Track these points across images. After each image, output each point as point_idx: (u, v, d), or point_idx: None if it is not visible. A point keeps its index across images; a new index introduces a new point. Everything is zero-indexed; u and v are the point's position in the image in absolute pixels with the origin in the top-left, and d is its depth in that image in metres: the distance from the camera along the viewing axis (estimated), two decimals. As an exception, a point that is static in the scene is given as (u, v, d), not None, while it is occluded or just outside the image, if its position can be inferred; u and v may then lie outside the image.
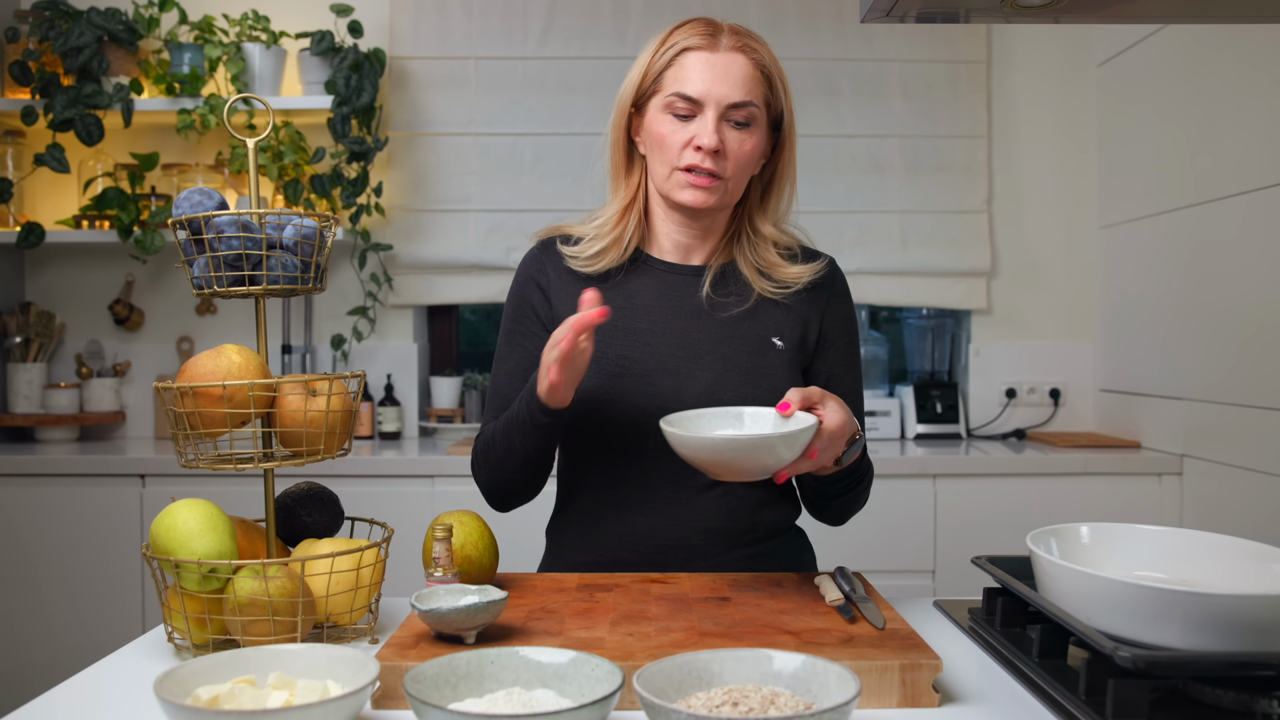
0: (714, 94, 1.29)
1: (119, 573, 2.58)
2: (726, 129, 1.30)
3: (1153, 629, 0.89)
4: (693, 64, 1.30)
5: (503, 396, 1.40)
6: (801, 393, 1.15)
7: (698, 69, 1.30)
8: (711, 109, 1.29)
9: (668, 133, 1.31)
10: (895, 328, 3.37)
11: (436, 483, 2.58)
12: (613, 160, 1.41)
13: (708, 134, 1.28)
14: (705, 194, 1.31)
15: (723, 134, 1.29)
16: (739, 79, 1.29)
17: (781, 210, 1.41)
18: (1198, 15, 1.40)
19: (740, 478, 1.13)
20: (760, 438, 1.07)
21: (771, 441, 1.07)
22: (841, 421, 1.15)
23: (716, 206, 1.34)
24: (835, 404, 1.16)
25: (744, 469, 1.10)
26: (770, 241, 1.38)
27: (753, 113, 1.31)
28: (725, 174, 1.31)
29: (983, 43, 3.11)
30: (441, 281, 3.10)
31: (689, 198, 1.31)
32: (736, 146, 1.30)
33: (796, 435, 1.08)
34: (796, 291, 1.39)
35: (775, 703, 0.80)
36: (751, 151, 1.32)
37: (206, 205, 1.11)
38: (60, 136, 2.88)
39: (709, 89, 1.29)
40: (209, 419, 1.06)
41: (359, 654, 0.89)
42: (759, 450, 1.07)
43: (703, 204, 1.32)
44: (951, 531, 2.62)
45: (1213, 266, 2.47)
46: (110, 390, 3.03)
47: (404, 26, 3.06)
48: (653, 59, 1.33)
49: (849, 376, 1.42)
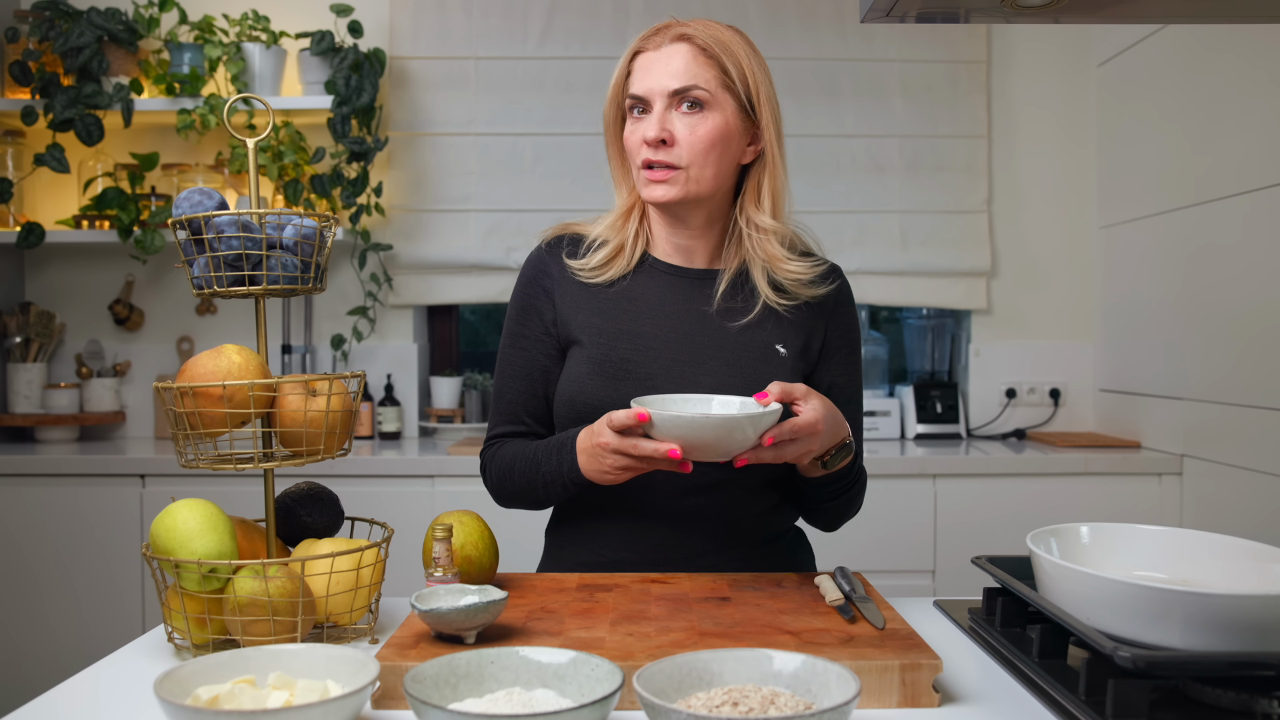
0: (654, 87, 1.30)
1: (119, 573, 2.58)
2: (675, 118, 1.30)
3: (1153, 629, 0.89)
4: (639, 66, 1.33)
5: (509, 401, 1.40)
6: (783, 386, 1.16)
7: (642, 69, 1.33)
8: (657, 101, 1.30)
9: (628, 134, 1.34)
10: (895, 328, 3.37)
11: (436, 483, 2.58)
12: (611, 171, 1.43)
13: (650, 126, 1.30)
14: (664, 187, 1.31)
15: (670, 123, 1.30)
16: (678, 67, 1.30)
17: (776, 197, 1.36)
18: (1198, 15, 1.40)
19: (701, 456, 1.13)
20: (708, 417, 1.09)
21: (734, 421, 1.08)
22: (816, 419, 1.15)
23: (682, 197, 1.31)
24: (818, 401, 1.17)
25: (699, 446, 1.11)
26: (772, 234, 1.35)
27: (700, 96, 1.29)
28: (681, 162, 1.30)
29: (983, 43, 3.11)
30: (441, 281, 3.10)
31: (651, 193, 1.32)
32: (688, 132, 1.30)
33: (759, 418, 1.10)
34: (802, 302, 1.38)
35: (775, 703, 0.80)
36: (709, 135, 1.29)
37: (206, 205, 1.11)
38: (60, 136, 2.89)
39: (652, 83, 1.31)
40: (209, 419, 1.06)
41: (359, 654, 0.89)
42: (705, 429, 1.09)
43: (663, 197, 1.31)
44: (951, 531, 2.62)
45: (1213, 266, 2.47)
46: (110, 390, 3.03)
47: (404, 26, 3.06)
48: (618, 74, 1.37)
49: (849, 386, 1.42)
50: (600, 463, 1.20)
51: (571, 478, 1.26)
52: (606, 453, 1.17)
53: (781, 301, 1.36)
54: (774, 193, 1.36)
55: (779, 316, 1.37)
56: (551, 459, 1.29)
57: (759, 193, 1.36)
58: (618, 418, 1.14)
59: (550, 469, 1.29)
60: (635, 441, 1.14)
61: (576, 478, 1.26)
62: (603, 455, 1.18)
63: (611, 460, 1.18)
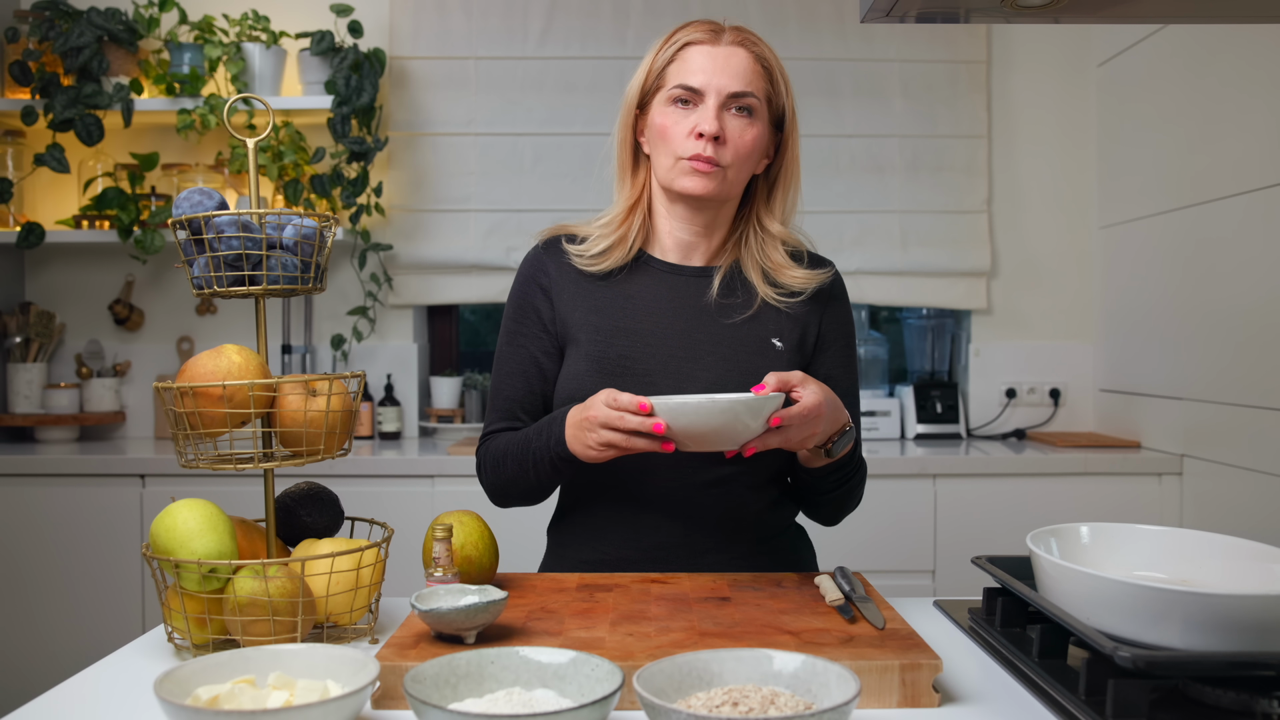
0: (715, 83, 1.31)
1: (119, 573, 2.58)
2: (728, 118, 1.32)
3: (1153, 629, 0.89)
4: (694, 56, 1.33)
5: (505, 398, 1.40)
6: (779, 376, 1.16)
7: (699, 60, 1.33)
8: (713, 97, 1.31)
9: (671, 123, 1.33)
10: (895, 328, 3.37)
11: (436, 483, 2.58)
12: (619, 159, 1.43)
13: (709, 120, 1.30)
14: (705, 180, 1.32)
15: (724, 122, 1.31)
16: (739, 70, 1.32)
17: (788, 208, 1.42)
18: (1198, 15, 1.40)
19: (707, 446, 1.14)
20: (715, 399, 1.10)
21: (733, 406, 1.09)
22: (819, 402, 1.16)
23: (716, 195, 1.34)
24: (816, 386, 1.18)
25: (706, 435, 1.11)
26: (779, 240, 1.40)
27: (753, 104, 1.33)
28: (725, 162, 1.32)
29: (983, 43, 3.11)
30: (441, 281, 3.10)
31: (690, 184, 1.32)
32: (737, 135, 1.32)
33: (763, 403, 1.10)
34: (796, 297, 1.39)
35: (775, 703, 0.80)
36: (752, 142, 1.33)
37: (206, 205, 1.11)
38: (60, 136, 2.88)
39: (710, 79, 1.31)
40: (209, 419, 1.06)
41: (359, 654, 0.89)
42: (714, 414, 1.09)
43: (703, 191, 1.32)
44: (951, 531, 2.62)
45: (1213, 266, 2.47)
46: (110, 390, 3.03)
47: (404, 26, 3.06)
48: (656, 56, 1.37)
49: (845, 378, 1.43)
50: (586, 436, 1.20)
51: (558, 451, 1.26)
52: (594, 426, 1.18)
53: (778, 296, 1.38)
54: (789, 204, 1.41)
55: (775, 310, 1.39)
56: (542, 434, 1.29)
57: (774, 201, 1.41)
58: (623, 399, 1.14)
59: (540, 444, 1.29)
60: (623, 414, 1.14)
61: (562, 451, 1.26)
62: (590, 429, 1.19)
63: (597, 435, 1.18)
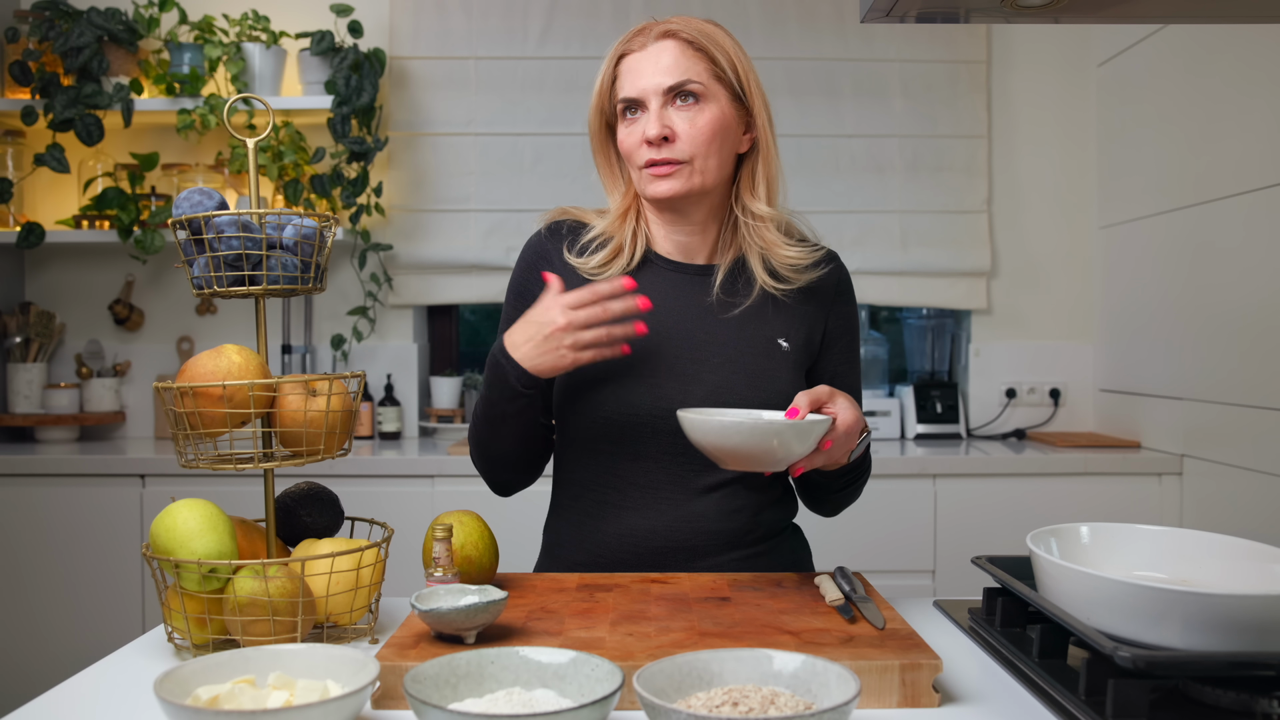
0: (649, 85, 1.30)
1: (119, 573, 2.58)
2: (673, 114, 1.30)
3: (1153, 629, 0.89)
4: (626, 68, 1.33)
5: None
6: (810, 395, 1.17)
7: (631, 71, 1.32)
8: (652, 100, 1.30)
9: (624, 137, 1.34)
10: (895, 328, 3.37)
11: (436, 483, 2.58)
12: (603, 180, 1.43)
13: (652, 124, 1.29)
14: (670, 182, 1.31)
15: (668, 120, 1.30)
16: (669, 63, 1.30)
17: (771, 186, 1.37)
18: (1198, 15, 1.40)
19: (750, 466, 1.14)
20: (771, 423, 1.11)
21: (782, 428, 1.10)
22: (854, 418, 1.18)
23: (687, 191, 1.32)
24: (845, 401, 1.18)
25: (754, 456, 1.12)
26: (769, 221, 1.36)
27: (696, 89, 1.30)
28: (684, 156, 1.30)
29: (983, 43, 3.11)
30: (441, 281, 3.10)
31: (656, 189, 1.31)
32: (688, 125, 1.30)
33: (810, 427, 1.12)
34: (801, 290, 1.38)
35: (775, 703, 0.80)
36: (708, 126, 1.30)
37: (206, 205, 1.11)
38: (60, 136, 2.89)
39: (644, 82, 1.30)
40: (209, 419, 1.06)
41: (359, 654, 0.89)
42: (769, 437, 1.10)
43: (670, 192, 1.31)
44: (951, 531, 2.62)
45: (1213, 266, 2.47)
46: (110, 390, 3.03)
47: (404, 26, 3.06)
48: (601, 79, 1.36)
49: (851, 375, 1.43)
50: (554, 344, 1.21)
51: (516, 375, 1.24)
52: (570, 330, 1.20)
53: (779, 287, 1.37)
54: (769, 179, 1.37)
55: (778, 304, 1.37)
56: (494, 371, 1.26)
57: (754, 180, 1.37)
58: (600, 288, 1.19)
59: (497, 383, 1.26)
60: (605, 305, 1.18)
61: (524, 377, 1.23)
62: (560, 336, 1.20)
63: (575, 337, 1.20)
